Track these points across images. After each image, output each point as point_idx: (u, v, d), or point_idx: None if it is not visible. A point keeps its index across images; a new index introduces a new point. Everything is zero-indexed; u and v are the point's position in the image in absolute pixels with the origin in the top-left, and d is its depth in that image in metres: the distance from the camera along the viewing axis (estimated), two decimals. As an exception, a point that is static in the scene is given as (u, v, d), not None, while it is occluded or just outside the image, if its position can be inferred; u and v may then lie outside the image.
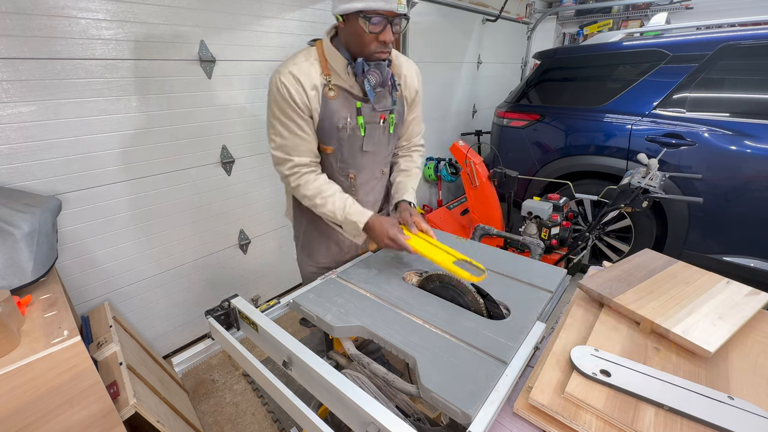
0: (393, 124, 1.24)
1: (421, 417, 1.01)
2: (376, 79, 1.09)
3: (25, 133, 1.37)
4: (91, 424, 1.02)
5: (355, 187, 1.29)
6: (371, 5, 0.96)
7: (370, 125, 1.19)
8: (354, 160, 1.23)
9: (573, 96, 2.70)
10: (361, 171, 1.27)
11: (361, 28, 1.01)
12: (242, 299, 1.05)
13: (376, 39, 1.03)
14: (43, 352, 0.88)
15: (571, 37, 4.83)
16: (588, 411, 0.68)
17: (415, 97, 1.29)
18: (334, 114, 1.13)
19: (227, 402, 1.81)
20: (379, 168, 1.32)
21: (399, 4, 0.98)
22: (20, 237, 1.05)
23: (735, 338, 0.84)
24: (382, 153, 1.29)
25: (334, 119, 1.14)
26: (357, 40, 1.04)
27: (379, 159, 1.29)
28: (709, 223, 2.19)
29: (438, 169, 3.51)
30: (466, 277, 1.01)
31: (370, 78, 1.08)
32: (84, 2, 1.39)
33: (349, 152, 1.21)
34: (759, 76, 2.03)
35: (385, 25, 1.01)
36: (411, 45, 2.86)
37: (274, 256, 2.44)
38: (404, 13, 1.01)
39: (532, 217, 2.22)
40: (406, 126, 1.34)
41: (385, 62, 1.09)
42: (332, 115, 1.13)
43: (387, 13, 0.98)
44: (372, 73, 1.08)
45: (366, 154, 1.24)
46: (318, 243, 1.38)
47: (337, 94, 1.12)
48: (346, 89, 1.14)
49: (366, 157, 1.25)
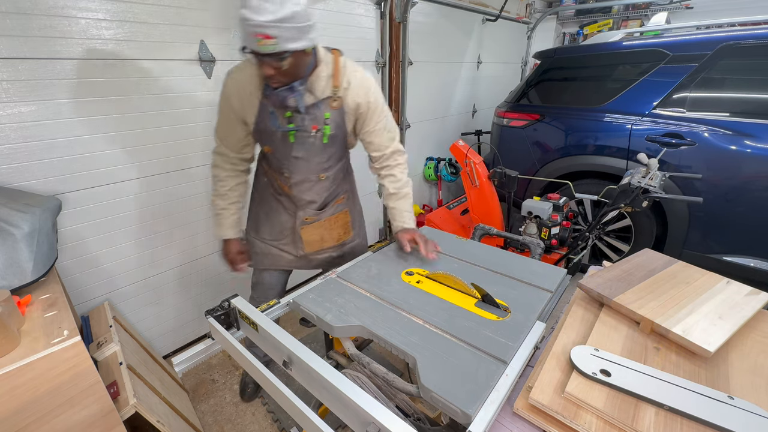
0: (327, 135, 1.27)
1: (421, 417, 1.01)
2: (274, 102, 1.18)
3: (25, 133, 1.37)
4: (91, 424, 1.02)
5: (290, 185, 1.38)
6: (242, 42, 1.03)
7: (300, 134, 1.25)
8: (287, 162, 1.33)
9: (573, 96, 2.70)
10: (294, 173, 1.35)
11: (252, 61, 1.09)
12: (242, 299, 1.05)
13: (263, 71, 1.07)
14: (43, 352, 0.88)
15: (571, 36, 4.83)
16: (588, 411, 0.68)
17: (366, 110, 1.29)
18: (269, 119, 1.23)
19: (227, 402, 1.81)
20: (315, 173, 1.36)
21: (261, 46, 0.98)
22: (20, 237, 1.05)
23: (735, 338, 0.85)
24: (316, 160, 1.33)
25: (269, 124, 1.23)
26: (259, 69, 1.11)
27: (313, 165, 1.34)
28: (709, 223, 2.19)
29: (438, 169, 3.51)
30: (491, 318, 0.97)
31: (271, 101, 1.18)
32: (84, 2, 1.39)
33: (282, 155, 1.31)
34: (759, 76, 2.03)
35: (259, 60, 1.05)
36: (411, 45, 2.85)
37: (274, 256, 2.44)
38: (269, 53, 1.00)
39: (532, 216, 2.22)
40: (367, 137, 1.35)
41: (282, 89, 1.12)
42: (267, 119, 1.23)
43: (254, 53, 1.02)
44: (271, 97, 1.17)
45: (298, 159, 1.31)
46: (265, 221, 1.52)
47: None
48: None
49: (298, 162, 1.32)
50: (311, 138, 1.27)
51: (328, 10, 2.26)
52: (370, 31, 2.60)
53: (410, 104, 3.07)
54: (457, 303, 1.03)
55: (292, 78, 1.12)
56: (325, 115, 1.24)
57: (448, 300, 1.04)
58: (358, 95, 1.27)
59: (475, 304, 1.02)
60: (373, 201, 3.19)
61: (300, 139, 1.26)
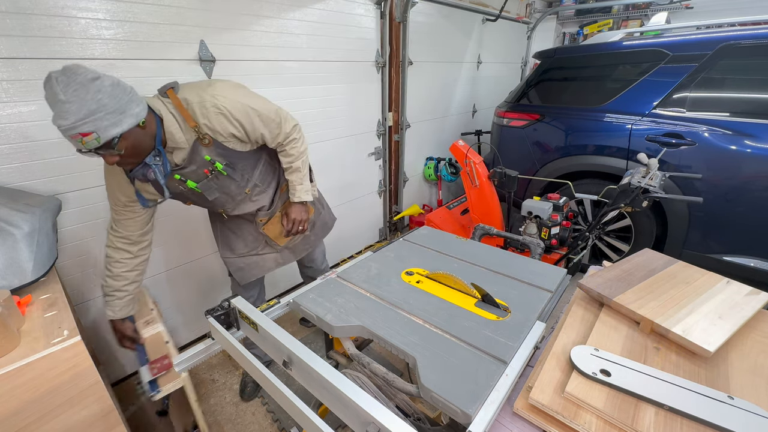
0: (222, 168, 1.24)
1: (421, 417, 1.01)
2: (151, 177, 1.12)
3: (25, 133, 1.37)
4: (91, 424, 1.02)
5: (229, 214, 1.44)
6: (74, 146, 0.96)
7: (201, 183, 1.25)
8: (211, 205, 1.37)
9: (573, 96, 2.70)
10: (225, 206, 1.39)
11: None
12: (242, 299, 1.05)
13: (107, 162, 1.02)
14: (43, 352, 0.88)
15: (571, 36, 4.83)
16: (588, 411, 0.68)
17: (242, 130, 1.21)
18: (169, 187, 1.20)
19: (227, 402, 1.81)
20: (240, 192, 1.36)
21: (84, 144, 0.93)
22: (20, 237, 1.05)
23: (735, 338, 0.85)
24: (232, 188, 1.33)
25: (172, 189, 1.23)
26: None
27: (233, 193, 1.35)
28: (709, 223, 2.19)
29: (438, 169, 3.51)
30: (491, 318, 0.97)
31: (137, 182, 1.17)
32: (84, 2, 1.39)
33: (202, 203, 1.36)
34: (759, 75, 2.03)
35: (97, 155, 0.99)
36: (411, 45, 2.85)
37: (274, 256, 2.44)
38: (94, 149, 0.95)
39: (532, 216, 2.21)
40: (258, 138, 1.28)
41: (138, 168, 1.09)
42: (169, 188, 1.20)
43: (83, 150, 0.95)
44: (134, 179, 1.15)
45: (216, 198, 1.33)
46: (235, 239, 1.55)
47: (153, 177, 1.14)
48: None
49: (218, 199, 1.34)
50: (212, 179, 1.26)
51: (328, 10, 2.26)
52: (370, 31, 2.60)
53: (410, 104, 3.07)
54: (457, 303, 1.03)
55: (141, 154, 1.07)
56: (206, 158, 1.19)
57: (448, 300, 1.04)
58: (220, 126, 1.16)
59: (475, 304, 1.02)
60: (373, 201, 3.19)
61: (204, 186, 1.26)
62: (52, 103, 0.90)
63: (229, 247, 1.55)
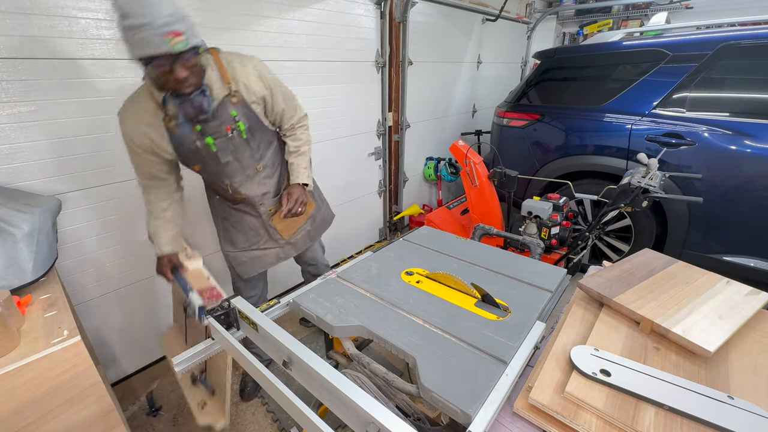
0: (244, 130, 1.27)
1: (421, 417, 1.02)
2: (190, 113, 1.14)
3: (25, 133, 1.37)
4: (91, 424, 1.02)
5: (235, 190, 1.40)
6: (145, 52, 0.94)
7: (219, 140, 1.25)
8: (220, 171, 1.33)
9: (573, 96, 2.70)
10: (232, 177, 1.37)
11: (152, 73, 1.02)
12: (242, 299, 1.05)
13: (171, 79, 1.02)
14: (43, 352, 0.88)
15: (571, 36, 4.83)
16: (588, 411, 0.68)
17: (270, 95, 1.31)
18: (184, 139, 1.21)
19: (227, 402, 1.81)
20: (252, 167, 1.38)
21: (173, 45, 0.93)
22: (20, 237, 1.05)
23: (735, 338, 0.85)
24: (245, 156, 1.35)
25: (186, 143, 1.22)
26: (158, 82, 1.06)
27: (245, 162, 1.36)
28: (709, 223, 2.19)
29: (438, 169, 3.51)
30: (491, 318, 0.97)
31: (184, 111, 1.14)
32: (84, 2, 1.39)
33: (212, 167, 1.32)
34: (759, 76, 2.03)
35: (169, 65, 0.99)
36: (411, 45, 2.85)
37: (274, 256, 2.44)
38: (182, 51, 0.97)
39: (531, 216, 2.21)
40: (278, 115, 1.39)
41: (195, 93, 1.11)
42: (183, 141, 1.21)
43: (163, 56, 0.95)
44: (183, 107, 1.13)
45: (228, 163, 1.32)
46: (236, 233, 1.54)
47: (177, 123, 1.17)
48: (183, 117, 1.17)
49: (229, 166, 1.33)
50: (230, 139, 1.27)
51: (328, 10, 2.26)
52: (370, 31, 2.60)
53: (410, 104, 3.07)
54: (457, 303, 1.03)
55: (199, 79, 1.10)
56: (232, 114, 1.23)
57: (448, 300, 1.04)
58: (255, 84, 1.26)
59: (475, 304, 1.02)
60: (373, 201, 3.19)
61: (221, 145, 1.26)
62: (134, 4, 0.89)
63: (231, 242, 1.55)
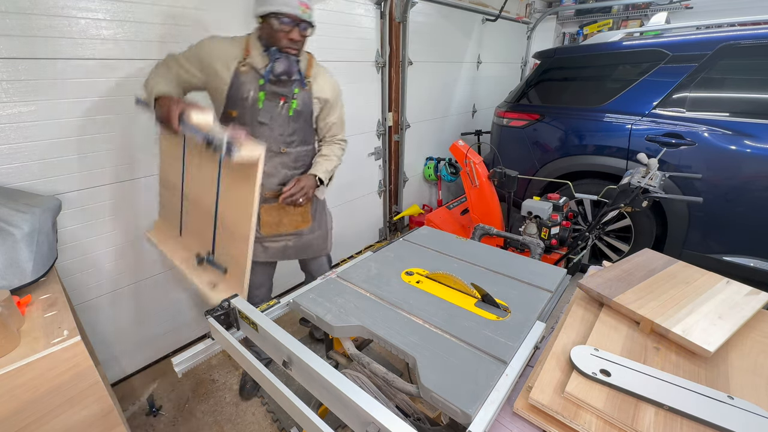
0: (293, 108, 1.43)
1: (421, 417, 1.01)
2: (282, 68, 1.31)
3: (25, 133, 1.37)
4: (91, 424, 1.02)
5: None
6: (281, 9, 1.22)
7: (269, 102, 1.38)
8: (252, 128, 1.40)
9: (573, 96, 2.70)
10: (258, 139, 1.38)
11: (275, 27, 1.25)
12: (242, 299, 1.05)
13: (286, 37, 1.27)
14: (43, 352, 0.88)
15: (571, 36, 4.83)
16: (588, 411, 0.68)
17: (333, 103, 1.54)
18: (242, 85, 1.34)
19: (227, 402, 1.81)
20: (277, 144, 1.46)
21: (303, 12, 1.25)
22: (20, 237, 1.05)
23: (735, 338, 0.85)
24: (278, 130, 1.44)
25: (241, 89, 1.34)
26: (272, 36, 1.28)
27: (276, 134, 1.44)
28: (709, 223, 2.19)
29: (438, 169, 3.51)
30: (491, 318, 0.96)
31: (276, 65, 1.30)
32: (83, 2, 1.39)
33: (248, 119, 1.40)
34: (759, 76, 2.03)
35: (293, 26, 1.26)
36: (411, 45, 2.85)
37: (274, 256, 2.43)
38: (308, 20, 1.28)
39: (531, 216, 2.21)
40: (327, 126, 1.58)
41: (294, 57, 1.33)
42: (240, 86, 1.34)
43: (293, 16, 1.24)
44: (280, 61, 1.30)
45: (262, 125, 1.41)
46: None
47: (248, 70, 1.33)
48: (256, 69, 1.34)
49: (262, 128, 1.42)
50: (278, 107, 1.40)
51: (328, 10, 2.26)
52: (370, 31, 2.60)
53: (410, 104, 3.07)
54: (457, 303, 1.03)
55: (300, 49, 1.34)
56: (295, 91, 1.41)
57: (448, 300, 1.04)
58: (326, 90, 1.50)
59: (475, 303, 1.02)
60: (373, 201, 3.19)
61: (267, 106, 1.39)
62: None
63: None
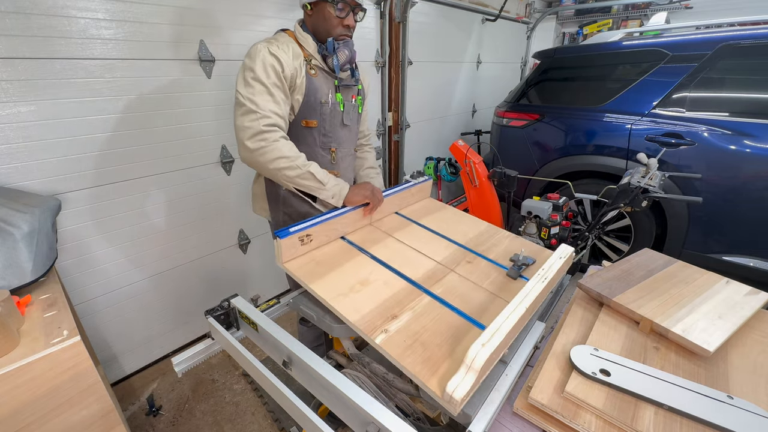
0: (361, 104, 1.41)
1: (421, 416, 1.01)
2: (345, 57, 1.24)
3: (24, 133, 1.37)
4: (91, 424, 1.02)
5: (335, 161, 1.38)
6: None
7: (346, 102, 1.34)
8: (335, 133, 1.34)
9: (573, 96, 2.70)
10: (341, 145, 1.38)
11: (329, 13, 1.19)
12: (242, 299, 1.05)
13: (341, 23, 1.21)
14: (42, 352, 0.88)
15: (571, 36, 4.83)
16: (588, 410, 0.68)
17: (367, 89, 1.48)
18: (318, 90, 1.24)
19: (227, 402, 1.81)
20: (353, 144, 1.45)
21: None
22: (20, 237, 1.05)
23: (735, 338, 0.85)
24: (355, 129, 1.43)
25: (318, 95, 1.25)
26: (325, 24, 1.21)
27: (353, 135, 1.43)
28: (709, 223, 2.19)
29: (438, 169, 3.50)
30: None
31: (339, 55, 1.23)
32: (83, 2, 1.39)
33: (330, 126, 1.31)
34: (759, 76, 2.03)
35: (348, 11, 1.21)
36: (411, 45, 2.85)
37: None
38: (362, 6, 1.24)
39: (531, 216, 2.21)
40: (362, 119, 1.51)
41: (351, 42, 1.26)
42: (316, 92, 1.24)
43: (350, 1, 1.19)
44: (341, 50, 1.23)
45: (345, 128, 1.37)
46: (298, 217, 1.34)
47: (317, 72, 1.25)
48: (324, 69, 1.27)
49: (345, 131, 1.37)
50: (353, 107, 1.37)
51: (328, 10, 2.25)
52: (369, 30, 2.60)
53: (410, 104, 3.07)
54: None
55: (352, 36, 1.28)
56: (359, 87, 1.39)
57: None
58: (365, 77, 1.45)
59: None
60: (373, 201, 3.19)
61: (347, 107, 1.34)
62: None
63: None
